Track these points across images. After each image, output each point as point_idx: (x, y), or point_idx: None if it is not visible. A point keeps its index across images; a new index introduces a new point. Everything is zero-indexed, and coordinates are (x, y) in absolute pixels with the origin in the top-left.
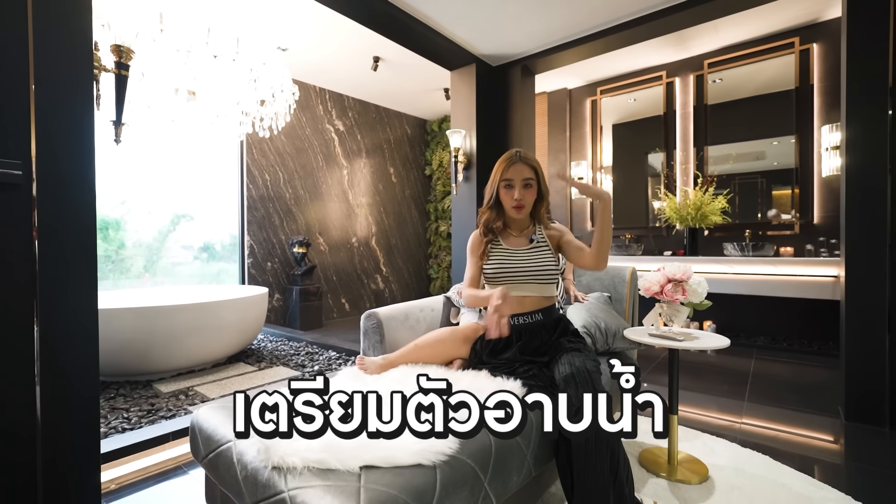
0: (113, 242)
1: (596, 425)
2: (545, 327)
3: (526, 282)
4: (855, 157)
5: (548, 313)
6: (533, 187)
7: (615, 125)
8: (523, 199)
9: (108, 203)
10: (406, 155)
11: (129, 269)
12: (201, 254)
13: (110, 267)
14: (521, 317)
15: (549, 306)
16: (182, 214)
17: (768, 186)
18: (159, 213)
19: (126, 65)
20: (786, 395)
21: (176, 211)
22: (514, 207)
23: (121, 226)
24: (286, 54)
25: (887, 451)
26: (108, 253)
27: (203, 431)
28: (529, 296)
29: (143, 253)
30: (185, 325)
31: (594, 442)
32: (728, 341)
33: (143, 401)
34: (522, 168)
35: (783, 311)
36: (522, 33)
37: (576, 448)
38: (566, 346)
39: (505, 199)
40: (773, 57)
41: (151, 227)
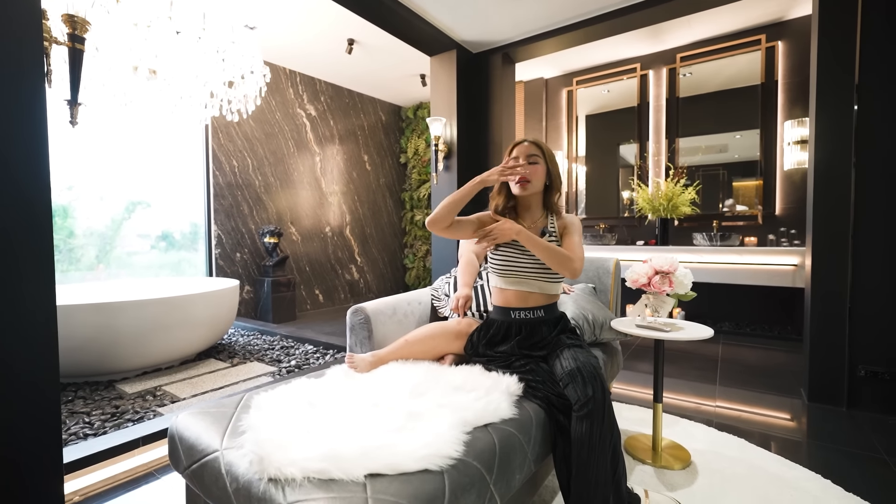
0: (61, 231)
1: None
2: (546, 324)
3: (533, 279)
4: (822, 151)
5: (550, 310)
6: (539, 164)
7: (588, 116)
8: (529, 174)
9: (55, 188)
10: (380, 142)
11: (80, 259)
12: (159, 242)
13: (58, 257)
14: (523, 311)
15: (552, 304)
16: (138, 201)
17: (729, 178)
18: (112, 199)
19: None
20: (753, 379)
21: (131, 197)
22: (518, 183)
23: (69, 213)
24: (255, 33)
25: (845, 429)
26: (56, 242)
27: (184, 440)
28: (534, 292)
29: (95, 242)
30: (151, 322)
31: (598, 437)
32: (711, 332)
33: (105, 403)
34: (528, 146)
35: (746, 298)
36: (504, 20)
37: (578, 443)
38: (566, 342)
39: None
40: (740, 53)
41: (104, 215)
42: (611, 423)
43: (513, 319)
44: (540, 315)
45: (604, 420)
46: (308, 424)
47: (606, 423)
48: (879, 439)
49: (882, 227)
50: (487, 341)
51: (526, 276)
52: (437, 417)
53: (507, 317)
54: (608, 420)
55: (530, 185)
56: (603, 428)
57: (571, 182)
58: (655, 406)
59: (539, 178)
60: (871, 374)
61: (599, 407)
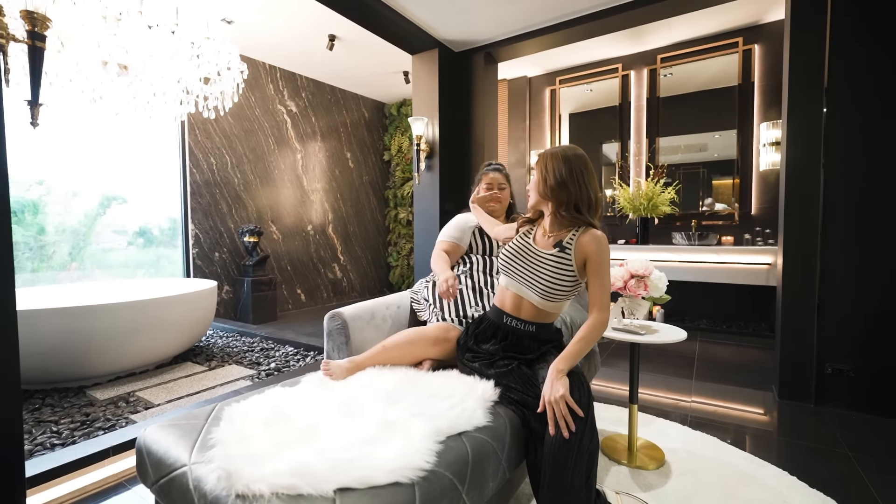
0: (30, 228)
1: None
2: (535, 339)
3: (525, 284)
4: (793, 152)
5: (543, 329)
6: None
7: (572, 114)
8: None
9: (23, 183)
10: (363, 139)
11: (52, 256)
12: (136, 239)
13: (28, 255)
14: (515, 321)
15: (545, 323)
16: (113, 196)
17: (708, 177)
18: (86, 194)
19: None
20: (728, 376)
21: (105, 192)
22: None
23: (39, 209)
24: (232, 27)
25: (812, 425)
26: (26, 239)
27: (152, 454)
28: (527, 301)
29: (68, 239)
30: (123, 326)
31: (577, 440)
32: (685, 334)
33: (75, 411)
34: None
35: (723, 296)
36: (486, 20)
37: (554, 446)
38: (554, 354)
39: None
40: (719, 55)
41: (77, 210)
42: (591, 431)
43: (503, 323)
44: (530, 330)
45: (585, 423)
46: (279, 437)
47: (587, 429)
48: (844, 434)
49: (849, 228)
50: (477, 335)
51: (520, 281)
52: (411, 427)
53: (499, 318)
54: (589, 426)
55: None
56: (583, 433)
57: None
58: (631, 407)
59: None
60: (837, 371)
61: (583, 409)
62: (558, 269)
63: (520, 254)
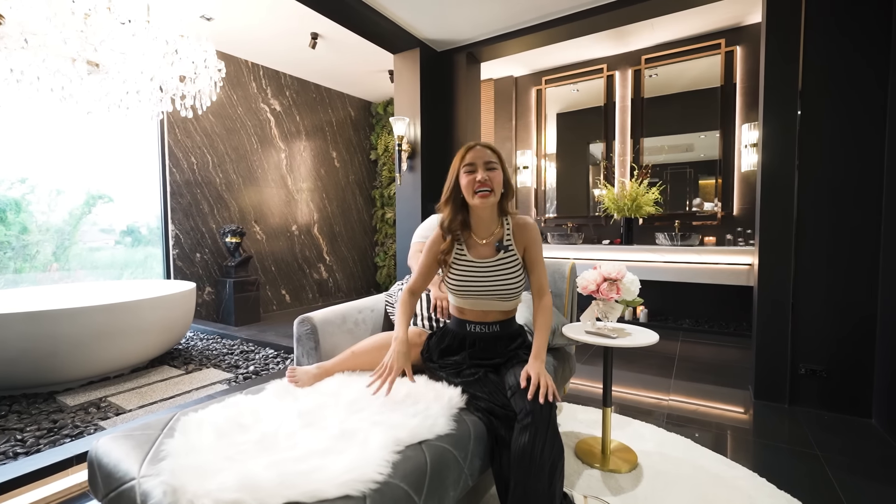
0: (12, 227)
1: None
2: (501, 339)
3: (489, 298)
4: (769, 154)
5: (506, 325)
6: (498, 170)
7: (559, 114)
8: (489, 181)
9: (5, 181)
10: (350, 138)
11: (36, 255)
12: (124, 238)
13: (10, 255)
14: (479, 325)
15: (508, 319)
16: (99, 195)
17: (695, 177)
18: (71, 192)
19: None
20: (706, 377)
21: (91, 191)
22: (478, 193)
23: (22, 207)
24: (211, 24)
25: (786, 426)
26: (8, 238)
27: (103, 467)
28: (491, 310)
29: (53, 238)
30: (94, 330)
31: (539, 450)
32: (657, 337)
33: (43, 417)
34: (484, 151)
35: (705, 296)
36: (467, 19)
37: (517, 454)
38: (521, 356)
39: (467, 185)
40: (702, 56)
41: (61, 209)
42: (553, 437)
43: (468, 332)
44: (495, 330)
45: (546, 432)
46: (232, 448)
47: (549, 436)
48: (815, 434)
49: (824, 229)
50: (441, 351)
51: (482, 298)
52: (370, 436)
53: (462, 329)
54: (550, 433)
55: (491, 194)
56: (545, 440)
57: (541, 181)
58: (605, 410)
59: (500, 182)
60: (810, 371)
61: (544, 419)
62: (510, 269)
63: (468, 276)
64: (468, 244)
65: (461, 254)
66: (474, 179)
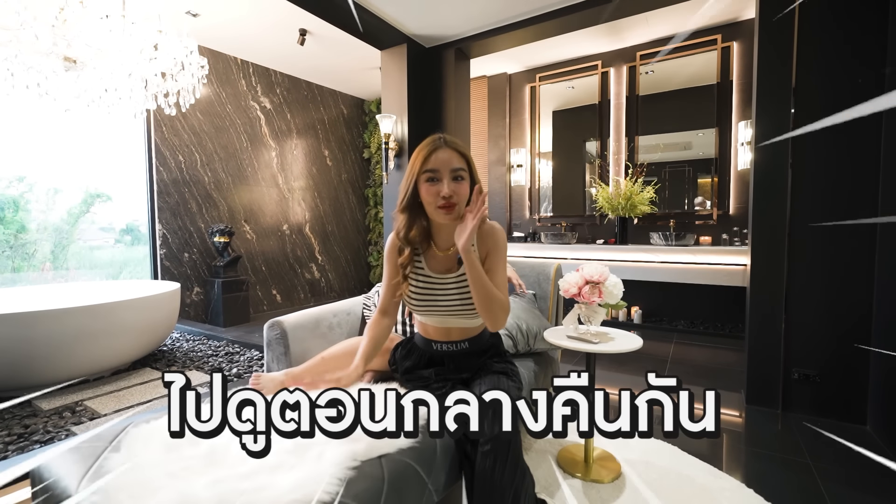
0: (11, 225)
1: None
2: (471, 355)
3: (451, 315)
4: (762, 153)
5: (476, 341)
6: (465, 180)
7: (555, 112)
8: (455, 196)
9: (3, 179)
10: (342, 136)
11: (34, 254)
12: (124, 236)
13: (8, 253)
14: (445, 344)
15: (477, 335)
16: (97, 194)
17: (694, 176)
18: (69, 191)
19: None
20: (698, 380)
21: (89, 189)
22: (442, 208)
23: (20, 205)
24: (198, 20)
25: (778, 433)
26: (6, 237)
27: (45, 483)
28: (455, 327)
29: (51, 237)
30: (71, 332)
31: (500, 477)
32: (640, 342)
33: (15, 422)
34: (451, 155)
35: (700, 297)
36: (455, 14)
37: (480, 477)
38: (493, 367)
39: (428, 196)
40: (698, 52)
41: (59, 208)
42: (515, 465)
43: (434, 351)
44: (464, 347)
45: (507, 461)
46: (178, 464)
47: (510, 465)
48: (807, 442)
49: (817, 231)
50: (407, 368)
51: (443, 315)
52: (325, 450)
53: (428, 348)
54: (512, 461)
55: (456, 208)
56: (505, 469)
57: (535, 179)
58: None
59: (466, 194)
60: (803, 376)
61: (504, 447)
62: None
63: (427, 292)
64: (426, 255)
65: (419, 266)
66: (438, 193)
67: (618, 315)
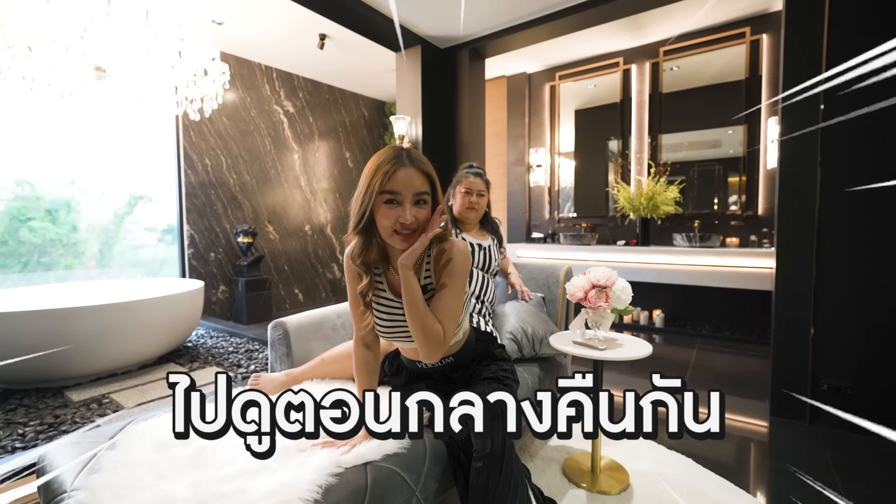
0: (63, 226)
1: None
2: (459, 367)
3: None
4: (789, 150)
5: (461, 354)
6: (428, 205)
7: (578, 111)
8: (416, 223)
9: (56, 183)
10: (363, 138)
11: (83, 253)
12: (165, 236)
13: (61, 252)
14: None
15: (460, 349)
16: (139, 195)
17: (724, 174)
18: (114, 193)
19: None
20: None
21: (132, 192)
22: (400, 235)
23: (71, 207)
24: (222, 28)
25: (803, 448)
26: (59, 237)
27: (47, 475)
28: None
29: (98, 236)
30: (102, 327)
31: (493, 493)
32: (650, 349)
33: (47, 412)
34: (414, 177)
35: (726, 301)
36: (469, 14)
37: (473, 491)
38: (482, 373)
39: (385, 220)
40: (725, 46)
41: (106, 209)
42: (509, 481)
43: (420, 369)
44: (449, 362)
45: (500, 477)
46: (166, 464)
47: (503, 481)
48: (837, 459)
49: (847, 232)
50: (398, 385)
51: (412, 340)
52: (310, 456)
53: (413, 366)
54: (505, 477)
55: (415, 235)
56: (498, 485)
57: (555, 179)
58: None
59: (426, 218)
60: (833, 388)
61: (496, 462)
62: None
63: (390, 317)
64: (387, 277)
65: (381, 290)
66: (397, 218)
67: (639, 318)
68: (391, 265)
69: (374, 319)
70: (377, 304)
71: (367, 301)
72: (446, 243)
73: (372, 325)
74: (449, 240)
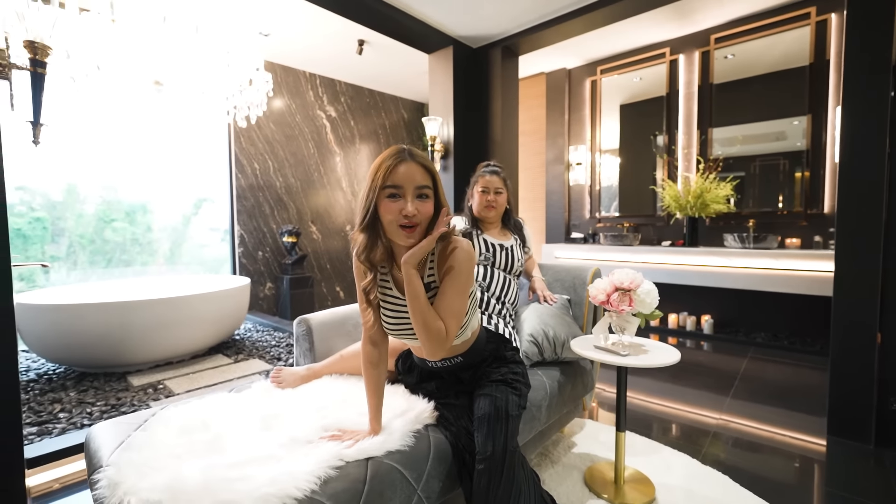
0: (140, 226)
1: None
2: (469, 367)
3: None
4: (852, 142)
5: (470, 354)
6: (430, 199)
7: (623, 105)
8: (418, 215)
9: (134, 187)
10: (403, 140)
11: (156, 251)
12: (226, 235)
13: (138, 250)
14: (437, 362)
15: (469, 348)
16: (204, 198)
17: (790, 169)
18: (182, 196)
19: (42, 62)
20: (772, 403)
21: (198, 194)
22: (403, 227)
23: (147, 209)
24: (269, 40)
25: (868, 473)
26: (136, 236)
27: (91, 450)
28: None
29: (169, 236)
30: (156, 320)
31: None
32: (678, 356)
33: (111, 395)
34: (415, 170)
35: (785, 307)
36: (499, 11)
37: (476, 493)
38: (493, 376)
39: (388, 214)
40: (786, 30)
41: (175, 211)
42: (511, 486)
43: (431, 368)
44: (458, 361)
45: (501, 481)
46: (185, 447)
47: (504, 485)
48: None
49: None
50: (410, 383)
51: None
52: (317, 448)
53: (424, 365)
54: (506, 481)
55: (418, 229)
56: (500, 488)
57: (595, 178)
58: (618, 436)
59: (429, 217)
60: None
61: (497, 466)
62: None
63: (397, 315)
64: (393, 276)
65: (387, 288)
66: (399, 211)
67: (685, 324)
68: (396, 263)
69: (381, 317)
70: (384, 302)
71: (370, 298)
72: (450, 242)
73: (377, 322)
74: (453, 239)
